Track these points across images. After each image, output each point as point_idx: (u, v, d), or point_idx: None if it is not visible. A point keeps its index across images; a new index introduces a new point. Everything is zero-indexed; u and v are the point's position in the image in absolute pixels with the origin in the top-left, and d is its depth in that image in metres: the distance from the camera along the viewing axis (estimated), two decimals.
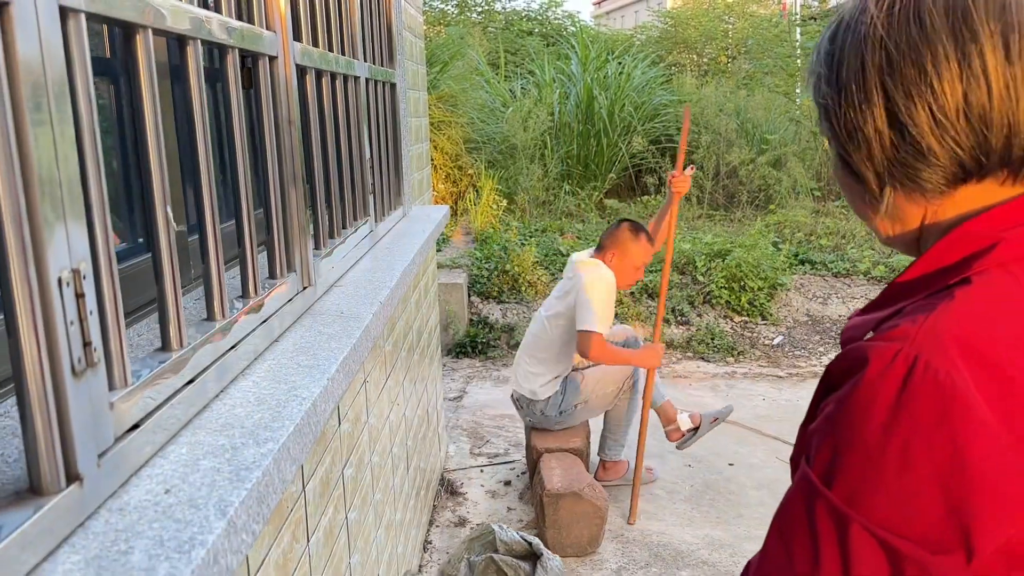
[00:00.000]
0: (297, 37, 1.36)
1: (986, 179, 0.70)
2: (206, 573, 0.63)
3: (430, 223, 2.42)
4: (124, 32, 0.79)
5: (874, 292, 6.04)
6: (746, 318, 5.71)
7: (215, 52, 1.14)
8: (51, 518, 0.62)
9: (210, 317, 1.00)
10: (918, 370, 0.64)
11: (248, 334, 1.06)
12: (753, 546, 3.04)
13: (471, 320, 5.70)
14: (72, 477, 0.65)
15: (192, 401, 0.88)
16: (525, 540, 0.96)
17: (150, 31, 0.82)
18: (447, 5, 15.17)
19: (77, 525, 0.66)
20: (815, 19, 14.89)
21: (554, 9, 15.03)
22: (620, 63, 11.43)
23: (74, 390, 0.64)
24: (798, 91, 10.54)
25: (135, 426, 0.76)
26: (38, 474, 0.63)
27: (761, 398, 4.57)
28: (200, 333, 0.94)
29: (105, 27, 1.13)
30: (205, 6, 1.09)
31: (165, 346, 0.87)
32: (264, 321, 1.13)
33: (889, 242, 0.79)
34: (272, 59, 1.21)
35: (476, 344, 5.44)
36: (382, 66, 2.25)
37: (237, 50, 1.07)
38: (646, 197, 9.20)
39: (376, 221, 2.03)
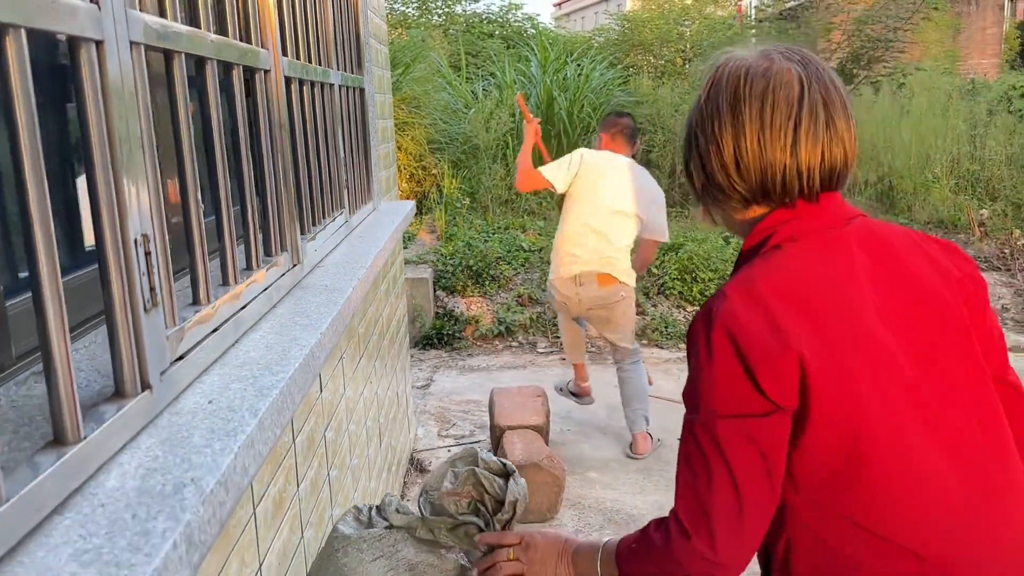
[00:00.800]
0: (284, 52, 1.60)
1: (761, 203, 1.10)
2: (246, 453, 0.88)
3: (398, 216, 2.66)
4: (165, 56, 1.03)
5: None
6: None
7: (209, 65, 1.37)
8: (132, 413, 0.86)
9: (225, 283, 1.23)
10: (716, 300, 1.02)
11: (253, 299, 1.30)
12: None
13: (437, 313, 5.93)
14: (145, 385, 0.89)
15: (217, 345, 1.12)
16: (501, 462, 1.18)
17: (183, 55, 1.06)
18: (408, 7, 15.37)
19: (149, 421, 0.90)
20: (770, 20, 15.37)
21: (514, 12, 15.30)
22: (579, 65, 11.74)
23: (145, 322, 0.88)
24: None
25: (181, 357, 1.00)
26: (122, 382, 0.87)
27: None
28: (220, 294, 1.18)
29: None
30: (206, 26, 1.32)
31: (196, 301, 1.11)
32: (265, 290, 1.37)
33: (729, 231, 1.20)
34: (266, 72, 1.45)
35: (442, 336, 5.68)
36: (352, 73, 2.49)
37: (241, 67, 1.31)
38: None
39: (351, 213, 2.27)
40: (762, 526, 1.01)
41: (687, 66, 13.81)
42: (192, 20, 1.15)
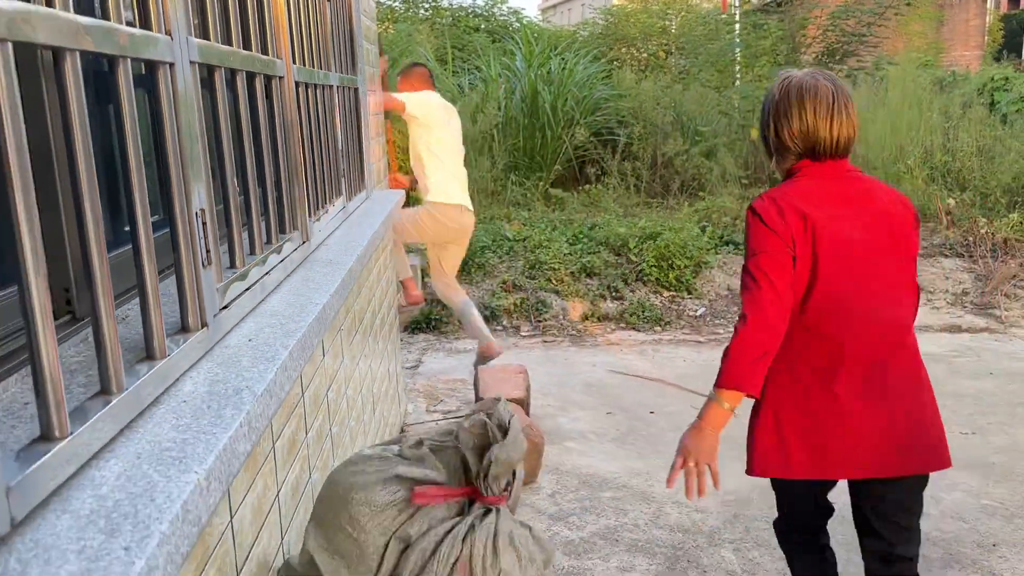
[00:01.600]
0: (294, 60, 1.87)
1: (803, 158, 1.92)
2: (282, 376, 1.16)
3: (389, 203, 2.93)
4: (208, 70, 1.31)
5: None
6: (674, 293, 6.33)
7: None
8: (195, 342, 1.14)
9: (252, 252, 1.51)
10: (758, 198, 1.92)
11: (275, 267, 1.58)
12: (667, 474, 3.61)
13: (425, 300, 6.21)
14: (203, 324, 1.17)
15: (250, 301, 1.40)
16: (506, 424, 1.45)
17: (223, 69, 1.33)
18: (395, 2, 15.55)
19: (207, 351, 1.18)
20: (756, 12, 15.63)
21: (500, 6, 15.52)
22: (563, 59, 12.00)
23: (203, 275, 1.16)
24: (737, 82, 11.15)
25: (226, 306, 1.28)
26: (187, 320, 1.15)
27: (682, 360, 5.18)
28: (249, 262, 1.45)
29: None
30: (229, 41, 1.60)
31: (232, 265, 1.39)
32: (282, 261, 1.65)
33: (779, 173, 2.02)
34: (281, 78, 1.72)
35: (430, 321, 5.96)
36: (347, 74, 2.76)
37: (263, 75, 1.58)
38: (588, 186, 9.78)
39: (348, 199, 2.54)
40: (788, 299, 1.83)
41: (669, 59, 14.11)
42: (227, 39, 1.42)
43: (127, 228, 1.02)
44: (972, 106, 12.23)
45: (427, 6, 15.28)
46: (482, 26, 14.93)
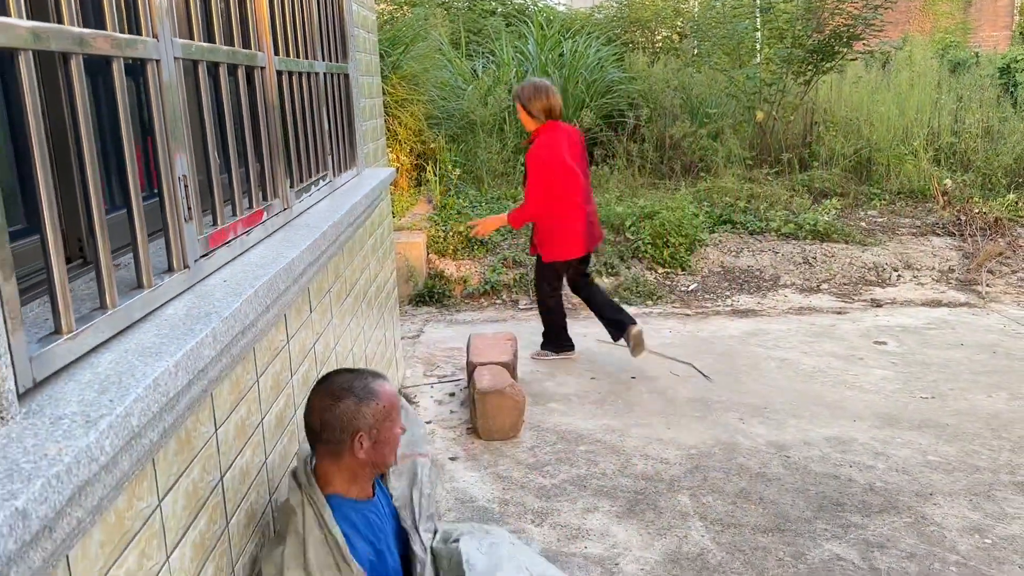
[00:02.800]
0: (276, 52, 2.18)
1: (542, 121, 4.39)
2: (246, 307, 1.47)
3: (377, 179, 3.24)
4: (193, 64, 1.61)
5: (782, 247, 6.95)
6: (668, 269, 6.59)
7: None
8: (177, 280, 1.45)
9: (234, 214, 1.82)
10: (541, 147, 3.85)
11: (255, 227, 1.89)
12: (639, 431, 3.92)
13: (429, 274, 6.53)
14: (185, 266, 1.48)
15: (229, 253, 1.71)
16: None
17: (205, 63, 1.64)
18: None
19: (187, 287, 1.49)
20: None
21: None
22: (575, 41, 12.19)
23: (185, 227, 1.47)
24: (758, 61, 11.22)
25: (206, 255, 1.59)
26: (172, 262, 1.46)
27: (668, 330, 5.46)
28: (231, 220, 1.77)
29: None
30: (216, 37, 1.90)
31: (214, 223, 1.70)
32: (262, 223, 1.96)
33: (528, 129, 4.52)
34: (262, 69, 2.03)
35: (433, 294, 6.27)
36: (337, 62, 3.05)
37: (244, 66, 1.88)
38: (593, 167, 10.01)
39: (335, 175, 2.85)
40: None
41: (683, 42, 14.24)
42: (209, 37, 1.72)
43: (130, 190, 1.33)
44: (983, 88, 12.28)
45: None
46: (498, 10, 15.14)
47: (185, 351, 1.18)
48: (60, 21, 1.12)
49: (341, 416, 1.82)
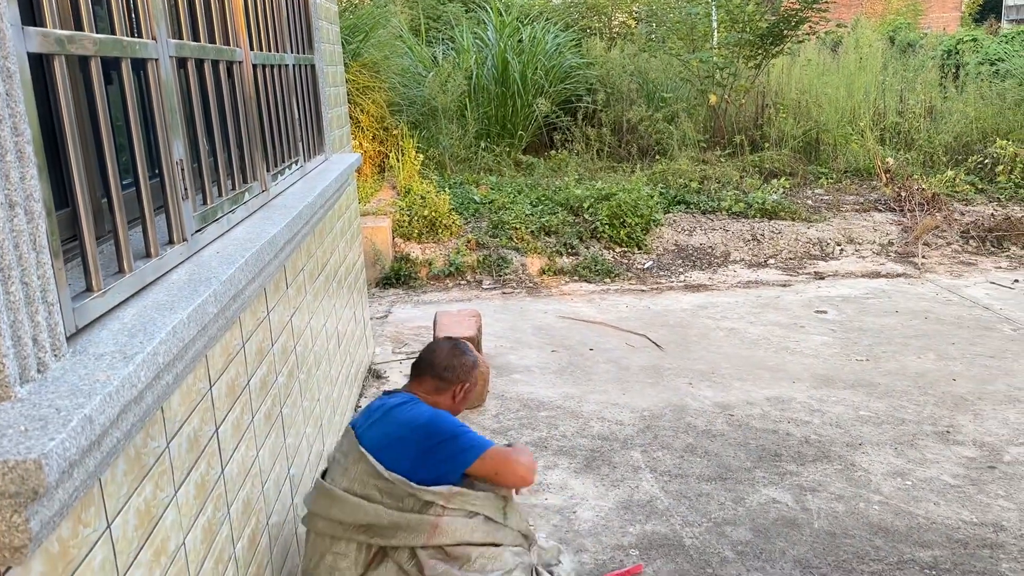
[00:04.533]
0: (252, 47, 2.38)
1: None
2: (239, 274, 1.69)
3: (344, 163, 3.44)
4: (182, 61, 1.82)
5: (732, 225, 7.27)
6: (625, 248, 6.87)
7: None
8: (177, 251, 1.67)
9: (220, 195, 2.03)
10: None
11: (238, 206, 2.10)
12: (596, 397, 4.19)
13: (395, 257, 6.73)
14: (184, 239, 1.69)
15: (219, 229, 1.92)
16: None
17: (193, 60, 1.84)
18: None
19: (185, 258, 1.70)
20: None
21: None
22: (534, 28, 12.40)
23: (183, 205, 1.69)
24: (713, 46, 11.50)
25: (200, 230, 1.80)
26: (172, 236, 1.67)
27: (625, 306, 5.74)
28: (219, 200, 1.98)
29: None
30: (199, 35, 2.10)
31: (204, 201, 1.91)
32: (244, 203, 2.17)
33: None
34: (240, 63, 2.23)
35: (399, 276, 6.49)
36: (304, 54, 3.25)
37: (224, 61, 2.09)
38: (553, 152, 10.27)
39: (305, 160, 3.05)
40: None
41: (639, 27, 14.52)
42: (194, 35, 1.93)
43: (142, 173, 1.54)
44: (928, 69, 12.75)
45: None
46: None
47: (195, 306, 1.40)
48: (81, 28, 1.33)
49: (462, 366, 2.33)
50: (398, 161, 9.02)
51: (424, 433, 2.14)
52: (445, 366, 2.33)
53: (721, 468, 3.43)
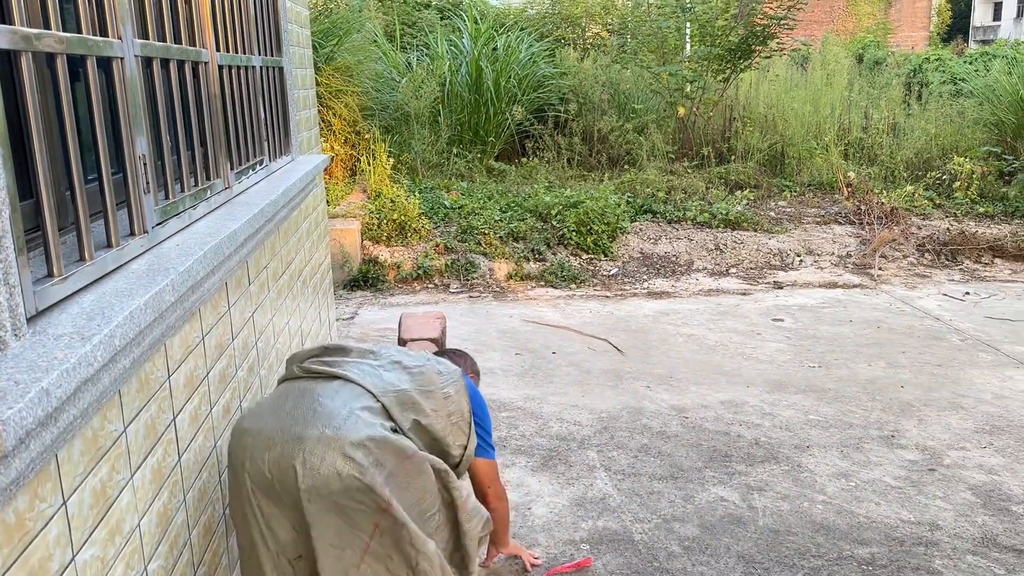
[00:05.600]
0: (218, 48, 2.44)
1: None
2: (197, 266, 1.75)
3: (311, 164, 3.51)
4: (147, 60, 1.88)
5: (696, 234, 7.41)
6: (591, 255, 6.99)
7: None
8: (137, 243, 1.73)
9: (183, 191, 2.10)
10: None
11: (201, 202, 2.16)
12: (556, 399, 4.28)
13: (363, 259, 6.79)
14: (144, 231, 1.76)
15: (180, 224, 1.99)
16: None
17: (159, 59, 1.91)
18: None
19: (147, 249, 1.76)
20: None
21: None
22: (508, 37, 12.52)
23: (144, 199, 1.75)
24: (685, 59, 11.65)
25: (161, 223, 1.86)
26: (132, 227, 1.73)
27: (589, 311, 5.85)
28: (181, 195, 2.04)
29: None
30: (171, 36, 2.16)
31: (167, 196, 1.97)
32: (207, 200, 2.23)
33: None
34: (206, 64, 2.30)
35: (367, 279, 6.54)
36: (272, 56, 3.32)
37: (190, 62, 2.15)
38: (525, 159, 10.38)
39: (270, 160, 3.12)
40: None
41: (612, 39, 14.71)
42: (160, 35, 1.99)
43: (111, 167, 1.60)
44: (893, 87, 13.06)
45: None
46: (432, 3, 15.37)
47: (152, 293, 1.47)
48: (48, 26, 1.39)
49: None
50: (369, 165, 9.08)
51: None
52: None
53: (673, 468, 3.53)
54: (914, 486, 3.39)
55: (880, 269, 6.70)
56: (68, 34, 1.43)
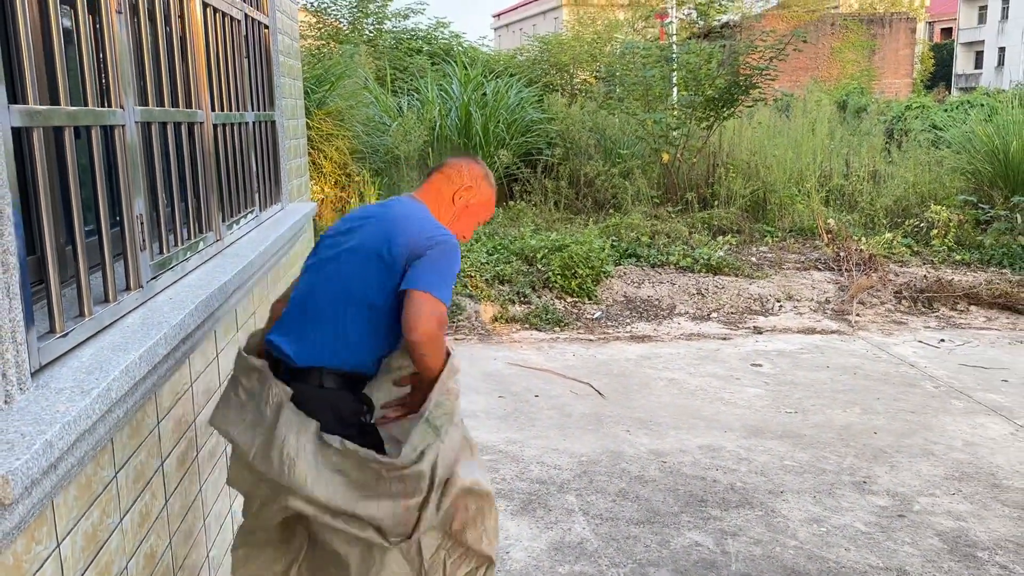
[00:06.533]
0: (213, 108, 2.57)
1: None
2: (188, 319, 1.85)
3: (300, 213, 3.63)
4: (147, 124, 2.00)
5: (679, 279, 7.56)
6: (576, 298, 7.11)
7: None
8: (133, 296, 1.83)
9: (176, 243, 2.20)
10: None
11: (194, 255, 2.27)
12: (537, 442, 4.36)
13: None
14: (140, 286, 1.86)
15: (172, 277, 2.09)
16: None
17: (157, 123, 2.03)
18: (340, 21, 16.19)
19: (142, 302, 1.86)
20: (698, 37, 16.65)
21: (442, 29, 16.29)
22: (498, 82, 12.80)
23: (141, 256, 1.86)
24: (674, 102, 11.90)
25: (155, 277, 1.97)
26: (129, 282, 1.84)
27: (572, 354, 5.95)
28: (174, 249, 2.15)
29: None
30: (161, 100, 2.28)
31: (161, 250, 2.08)
32: (199, 252, 2.34)
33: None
34: (201, 124, 2.42)
35: None
36: (265, 110, 3.45)
37: (186, 123, 2.28)
38: (512, 202, 10.56)
39: (261, 210, 3.23)
40: None
41: (599, 85, 15.04)
42: (160, 102, 2.12)
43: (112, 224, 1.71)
44: (873, 134, 13.37)
45: (371, 29, 15.98)
46: (424, 48, 15.70)
47: (146, 347, 1.57)
48: (58, 101, 1.51)
49: (469, 169, 2.29)
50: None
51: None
52: (452, 165, 2.29)
53: (650, 512, 3.61)
54: (883, 532, 3.47)
55: (858, 315, 6.85)
56: (75, 108, 1.55)
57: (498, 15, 67.14)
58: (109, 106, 1.74)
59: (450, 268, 2.05)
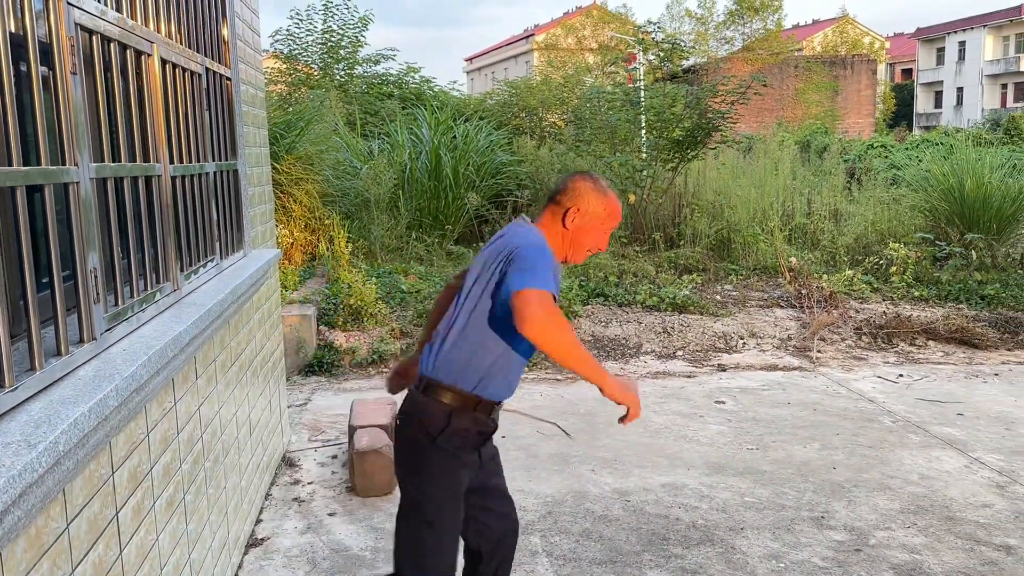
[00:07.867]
0: (171, 160, 2.63)
1: None
2: (141, 370, 1.89)
3: (263, 260, 3.67)
4: (104, 180, 2.06)
5: (646, 318, 7.67)
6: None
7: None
8: (87, 349, 1.87)
9: (132, 295, 2.24)
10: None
11: (151, 306, 2.31)
12: (509, 484, 4.36)
13: (319, 345, 6.89)
14: (93, 338, 1.89)
15: (128, 327, 2.13)
16: None
17: (114, 178, 2.08)
18: (312, 65, 16.40)
19: (95, 354, 1.90)
20: (664, 80, 17.01)
21: (412, 75, 16.54)
22: (468, 125, 12.99)
23: (94, 308, 1.89)
24: (644, 147, 12.14)
25: (109, 329, 2.00)
26: (83, 335, 1.87)
27: (539, 394, 6.00)
28: (130, 300, 2.19)
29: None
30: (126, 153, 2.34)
31: (116, 302, 2.12)
32: (155, 302, 2.38)
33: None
34: (159, 177, 2.48)
35: (322, 364, 6.63)
36: (226, 160, 3.52)
37: (143, 176, 2.33)
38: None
39: (222, 258, 3.28)
40: None
41: (567, 128, 15.33)
42: (116, 157, 2.17)
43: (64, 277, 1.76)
44: (835, 174, 13.70)
45: (342, 74, 16.21)
46: (394, 93, 15.93)
47: (96, 400, 1.60)
48: (10, 161, 1.56)
49: (574, 188, 2.30)
50: (327, 250, 9.26)
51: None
52: (561, 190, 2.30)
53: (613, 552, 3.64)
54: (840, 566, 3.53)
55: (819, 352, 6.98)
56: (27, 168, 1.60)
57: (470, 59, 68.27)
58: (63, 164, 1.79)
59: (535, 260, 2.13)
